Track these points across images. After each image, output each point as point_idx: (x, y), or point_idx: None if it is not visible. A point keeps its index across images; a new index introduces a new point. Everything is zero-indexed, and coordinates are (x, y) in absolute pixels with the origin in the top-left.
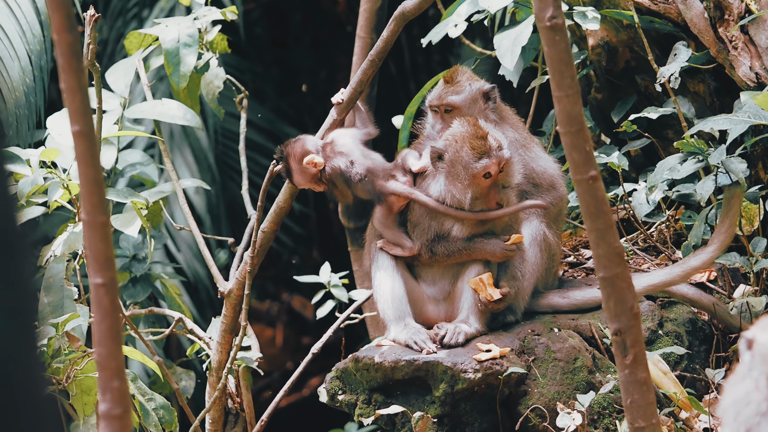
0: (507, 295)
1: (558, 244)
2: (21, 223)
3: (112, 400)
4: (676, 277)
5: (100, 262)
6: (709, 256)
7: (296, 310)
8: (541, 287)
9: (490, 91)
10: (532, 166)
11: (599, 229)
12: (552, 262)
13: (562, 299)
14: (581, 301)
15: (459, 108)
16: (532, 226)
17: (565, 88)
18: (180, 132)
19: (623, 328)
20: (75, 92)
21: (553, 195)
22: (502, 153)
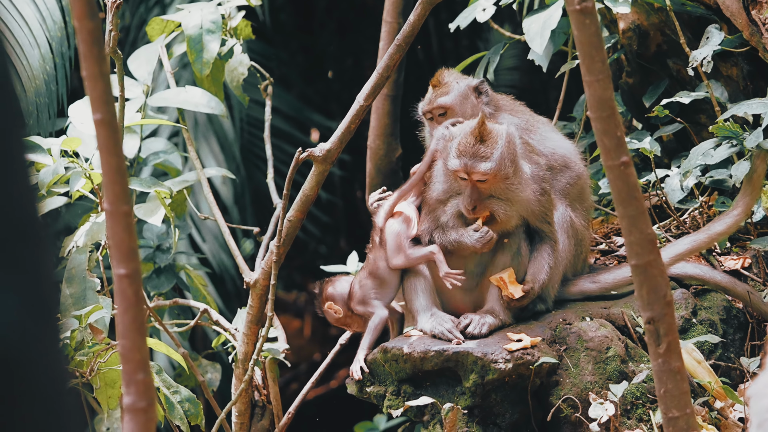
0: (529, 293)
1: (586, 227)
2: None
3: (136, 393)
4: (701, 243)
5: (123, 252)
6: (733, 220)
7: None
8: (570, 274)
9: (479, 85)
10: (539, 149)
11: (631, 215)
12: (580, 248)
13: (592, 284)
14: (612, 283)
15: (451, 108)
16: (558, 213)
17: (595, 73)
18: (204, 120)
19: (656, 316)
20: (97, 79)
21: (568, 175)
22: (478, 166)
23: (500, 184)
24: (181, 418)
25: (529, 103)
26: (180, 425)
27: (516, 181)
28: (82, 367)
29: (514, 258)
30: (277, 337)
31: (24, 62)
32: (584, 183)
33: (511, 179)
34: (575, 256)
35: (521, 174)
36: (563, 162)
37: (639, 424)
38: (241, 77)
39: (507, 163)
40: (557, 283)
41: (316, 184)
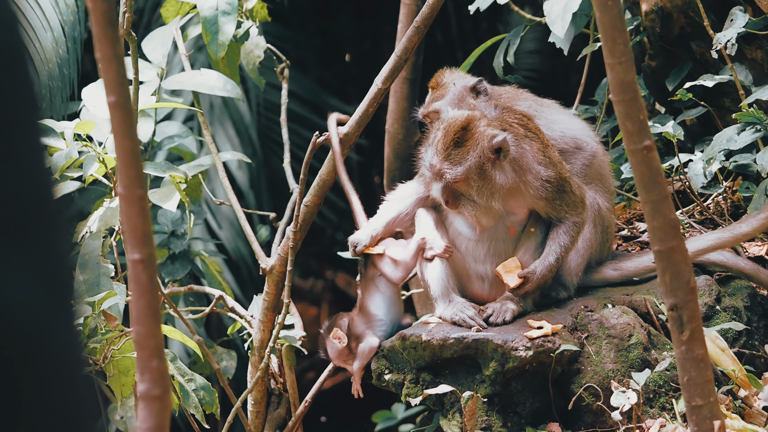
0: (528, 279)
1: (611, 211)
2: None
3: (150, 381)
4: (725, 242)
5: (137, 237)
6: (760, 223)
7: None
8: (594, 262)
9: (476, 84)
10: (547, 134)
11: (654, 200)
12: (606, 235)
13: (614, 272)
14: (634, 270)
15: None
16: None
17: (617, 55)
18: (220, 104)
19: (680, 303)
20: (110, 62)
21: (581, 156)
22: (438, 166)
23: (462, 186)
24: (195, 406)
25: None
26: (195, 413)
27: (489, 186)
28: (95, 355)
29: (538, 248)
30: (293, 325)
31: (37, 45)
32: (601, 161)
33: (484, 184)
34: (601, 244)
35: (503, 178)
36: (574, 144)
37: (662, 413)
38: (257, 60)
39: (480, 171)
40: (580, 271)
41: (334, 168)
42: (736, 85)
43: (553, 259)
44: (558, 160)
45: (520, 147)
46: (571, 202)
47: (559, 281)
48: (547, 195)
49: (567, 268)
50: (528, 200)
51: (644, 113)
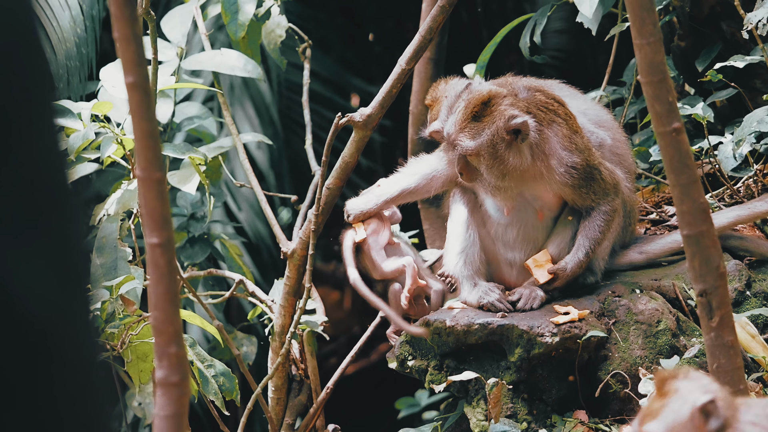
0: (557, 276)
1: (633, 191)
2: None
3: (169, 367)
4: (743, 218)
5: (155, 220)
6: None
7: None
8: (618, 247)
9: (467, 87)
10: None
11: (683, 184)
12: (629, 219)
13: (639, 255)
14: (658, 252)
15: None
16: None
17: (646, 36)
18: (240, 84)
19: (709, 288)
20: (129, 41)
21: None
22: (453, 135)
23: (482, 163)
24: (215, 392)
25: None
26: (214, 400)
27: (500, 165)
28: (112, 340)
29: (573, 238)
30: (315, 309)
31: (54, 24)
32: (616, 143)
33: (495, 163)
34: (624, 228)
35: (518, 160)
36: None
37: None
38: (279, 39)
39: (492, 149)
40: (606, 255)
41: (356, 150)
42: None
43: (582, 254)
44: (586, 147)
45: (544, 132)
46: (600, 190)
47: (586, 266)
48: (573, 182)
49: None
50: (553, 186)
51: (673, 95)
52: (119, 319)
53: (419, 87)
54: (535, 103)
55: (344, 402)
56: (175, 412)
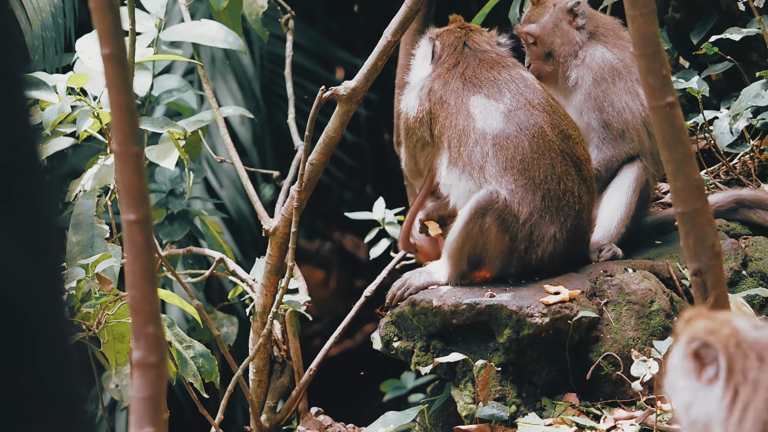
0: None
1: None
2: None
3: (146, 348)
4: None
5: (132, 196)
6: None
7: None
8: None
9: (574, 6)
10: (612, 98)
11: (677, 160)
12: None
13: None
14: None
15: (539, 37)
16: (635, 169)
17: (639, 7)
18: (221, 56)
19: (704, 268)
20: (105, 11)
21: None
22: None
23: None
24: (194, 374)
25: None
26: (193, 382)
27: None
28: (88, 320)
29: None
30: (297, 289)
31: None
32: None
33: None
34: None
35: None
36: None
37: None
38: (261, 10)
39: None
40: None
41: (341, 125)
42: (765, 38)
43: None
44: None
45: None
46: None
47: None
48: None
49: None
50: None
51: (667, 68)
52: (95, 298)
53: (406, 60)
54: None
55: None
56: (153, 394)
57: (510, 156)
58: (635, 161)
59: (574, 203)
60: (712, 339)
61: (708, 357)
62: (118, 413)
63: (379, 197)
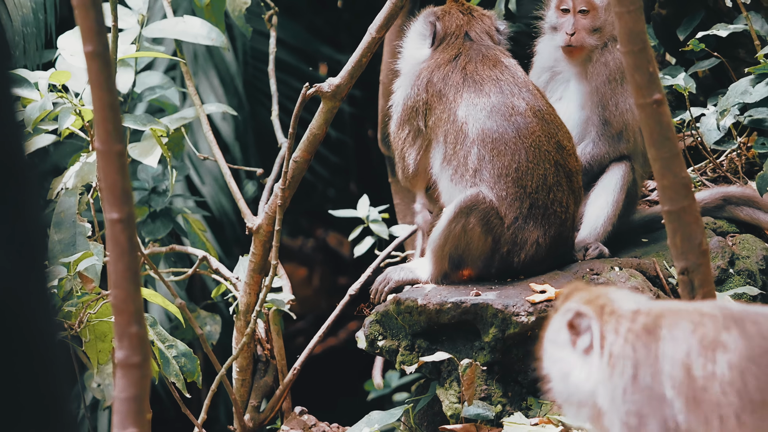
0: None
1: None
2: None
3: (129, 347)
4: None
5: (116, 195)
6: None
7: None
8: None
9: None
10: (617, 99)
11: (664, 157)
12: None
13: None
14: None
15: (596, 9)
16: (622, 168)
17: (626, 3)
18: (204, 53)
19: (691, 266)
20: (88, 8)
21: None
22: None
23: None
24: (176, 374)
25: None
26: (175, 382)
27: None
28: (70, 319)
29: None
30: (281, 287)
31: None
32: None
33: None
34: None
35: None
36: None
37: None
38: (244, 6)
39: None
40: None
41: (325, 122)
42: (752, 34)
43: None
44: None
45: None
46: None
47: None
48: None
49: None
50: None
51: (654, 65)
52: (77, 296)
53: (390, 56)
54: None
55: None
56: (136, 394)
57: (506, 163)
58: (623, 160)
59: (561, 213)
60: (586, 308)
61: (582, 326)
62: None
63: (362, 194)
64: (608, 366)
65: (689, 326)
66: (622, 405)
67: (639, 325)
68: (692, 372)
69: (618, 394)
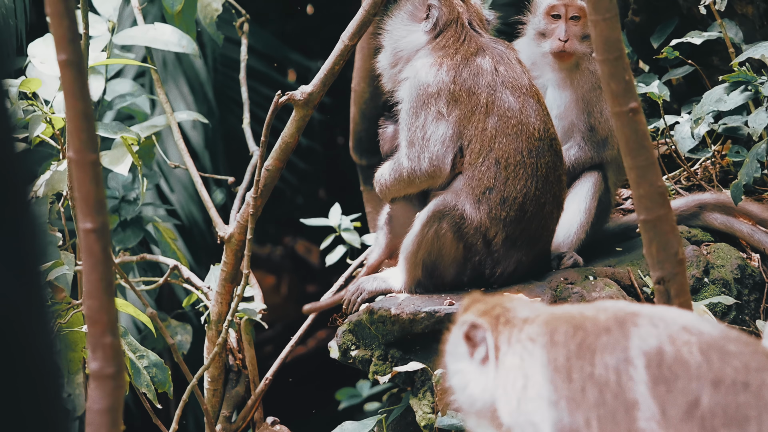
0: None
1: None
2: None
3: (103, 358)
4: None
5: (90, 205)
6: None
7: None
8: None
9: None
10: (602, 105)
11: (640, 166)
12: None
13: None
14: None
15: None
16: (594, 176)
17: (602, 11)
18: (173, 60)
19: (667, 276)
20: (62, 17)
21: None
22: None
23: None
24: (147, 384)
25: None
26: (146, 393)
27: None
28: None
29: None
30: (253, 297)
31: None
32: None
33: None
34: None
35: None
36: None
37: None
38: (216, 13)
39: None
40: (576, 247)
41: (297, 130)
42: (726, 42)
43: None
44: None
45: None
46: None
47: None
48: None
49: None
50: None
51: (630, 73)
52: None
53: (362, 64)
54: None
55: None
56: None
57: (519, 188)
58: (594, 169)
59: (547, 237)
60: (481, 320)
61: (478, 337)
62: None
63: (331, 201)
64: (503, 377)
65: (569, 330)
66: (517, 416)
67: (525, 335)
68: (572, 375)
69: (513, 405)
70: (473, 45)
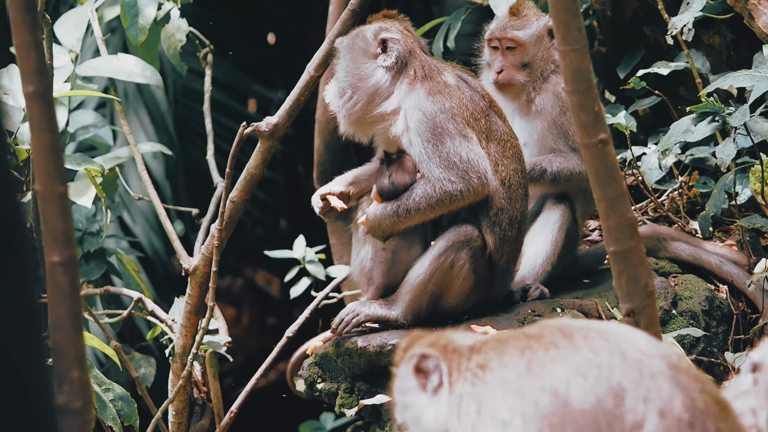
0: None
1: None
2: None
3: (70, 392)
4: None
5: (56, 238)
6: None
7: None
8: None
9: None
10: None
11: (610, 198)
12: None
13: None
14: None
15: (523, 45)
16: (561, 207)
17: (571, 42)
18: (134, 90)
19: (637, 308)
20: (30, 49)
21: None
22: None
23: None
24: (113, 418)
25: None
26: (112, 426)
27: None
28: None
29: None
30: (217, 329)
31: None
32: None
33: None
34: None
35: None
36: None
37: None
38: (179, 44)
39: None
40: (541, 278)
41: (262, 161)
42: (693, 73)
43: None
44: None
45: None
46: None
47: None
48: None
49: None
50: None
51: (599, 104)
52: None
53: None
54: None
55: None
56: None
57: (518, 207)
58: (561, 201)
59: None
60: (430, 350)
61: (430, 366)
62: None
63: (293, 233)
64: (455, 404)
65: (517, 351)
66: None
67: (473, 362)
68: (524, 391)
69: (468, 431)
70: (446, 73)
